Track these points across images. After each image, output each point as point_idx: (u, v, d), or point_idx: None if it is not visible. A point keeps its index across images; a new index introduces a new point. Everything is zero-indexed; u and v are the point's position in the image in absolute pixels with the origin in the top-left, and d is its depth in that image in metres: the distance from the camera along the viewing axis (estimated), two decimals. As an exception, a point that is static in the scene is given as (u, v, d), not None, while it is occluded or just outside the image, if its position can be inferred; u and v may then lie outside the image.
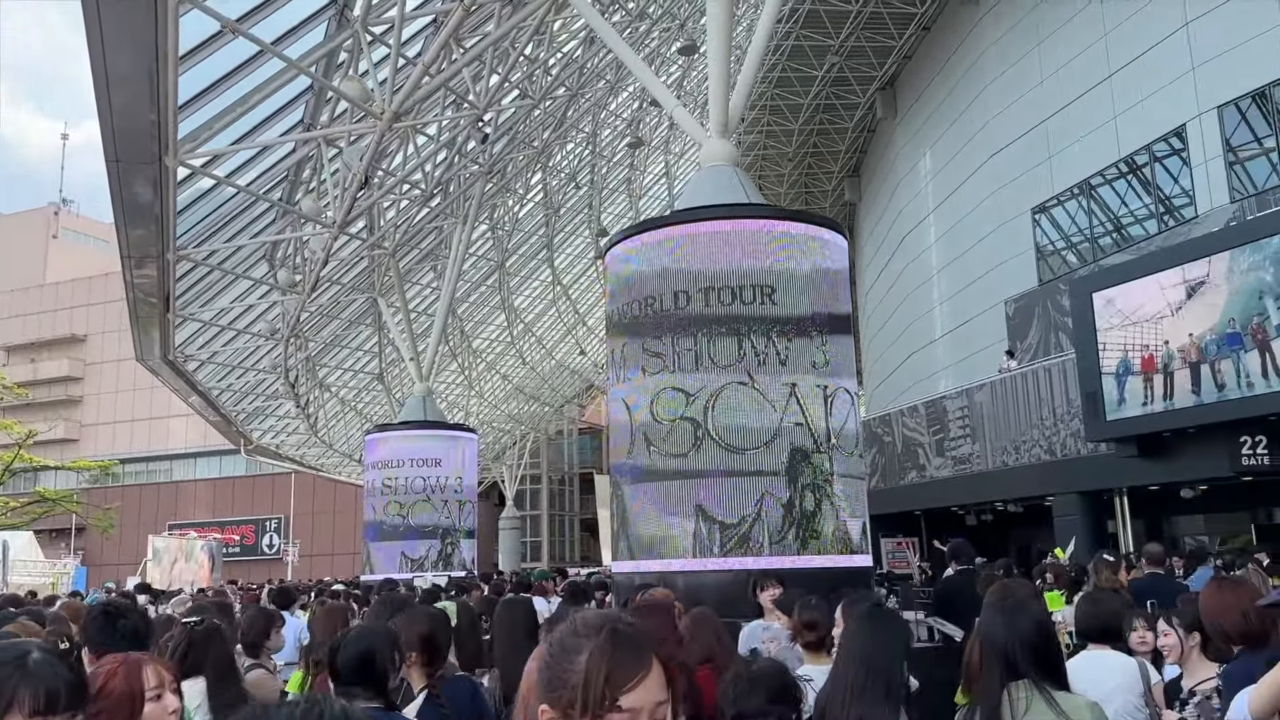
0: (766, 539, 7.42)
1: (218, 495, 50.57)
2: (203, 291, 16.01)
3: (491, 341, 31.42)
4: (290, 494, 45.37)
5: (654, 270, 7.93)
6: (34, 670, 1.85)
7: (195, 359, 17.98)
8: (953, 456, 21.95)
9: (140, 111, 9.06)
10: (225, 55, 9.80)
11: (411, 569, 15.74)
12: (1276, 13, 18.88)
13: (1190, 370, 15.98)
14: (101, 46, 7.89)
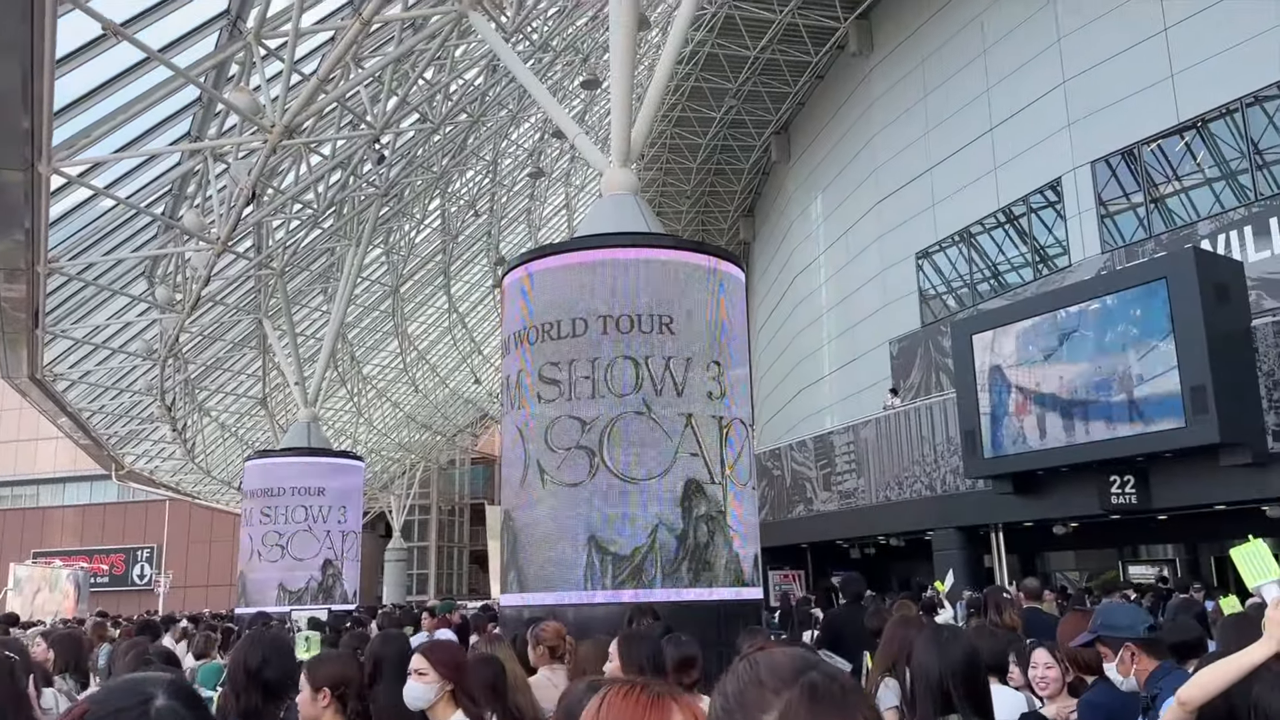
0: (659, 571, 7.27)
1: (86, 522, 48.28)
2: (76, 307, 15.12)
3: (383, 368, 30.73)
4: (164, 522, 43.42)
5: (553, 296, 7.76)
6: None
7: (65, 378, 17.00)
8: (839, 491, 22.19)
9: (12, 115, 8.53)
10: (108, 60, 9.31)
11: (290, 601, 15.11)
12: (1146, 74, 19.76)
13: (1061, 412, 16.46)
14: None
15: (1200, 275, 14.93)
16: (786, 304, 35.17)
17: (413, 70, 13.25)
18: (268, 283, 17.00)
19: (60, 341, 15.52)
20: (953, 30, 25.05)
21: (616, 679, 1.86)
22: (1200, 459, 14.99)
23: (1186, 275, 14.97)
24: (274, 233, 16.00)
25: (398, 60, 12.17)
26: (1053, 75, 21.93)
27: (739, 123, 32.65)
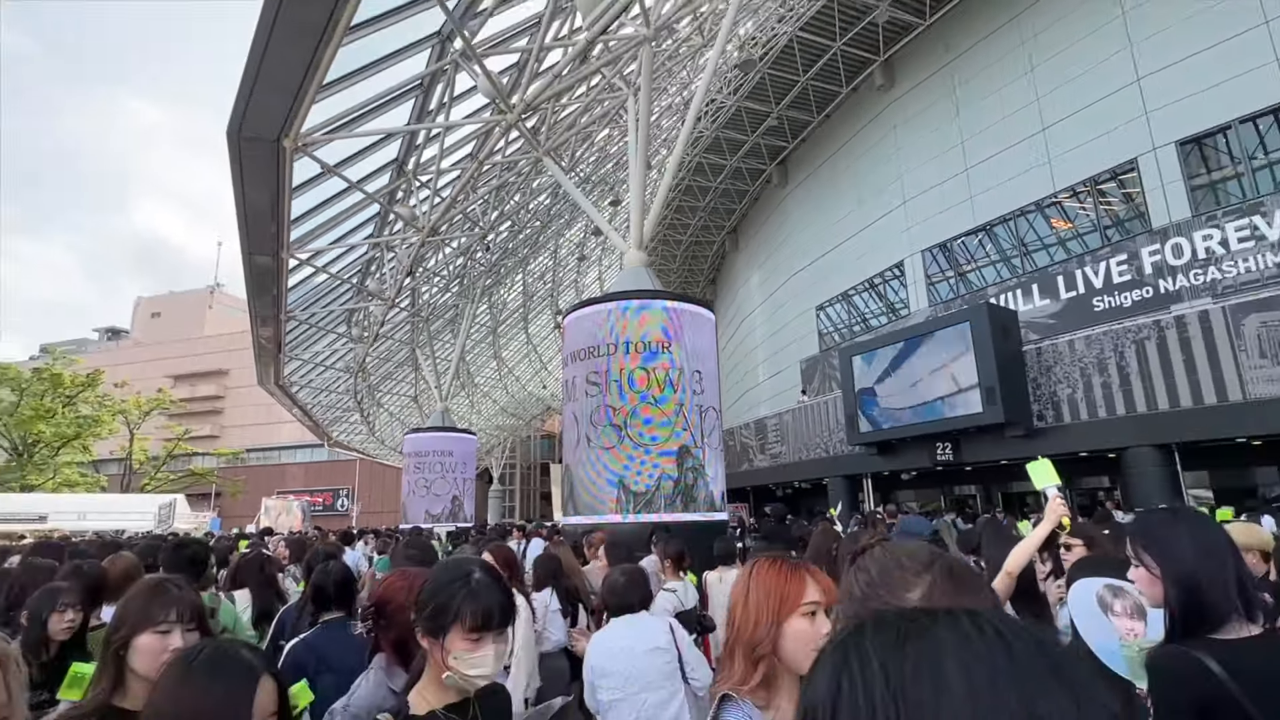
0: (663, 503, 6.98)
1: (308, 473, 47.95)
2: (304, 340, 14.98)
3: (487, 379, 30.41)
4: (355, 473, 43.22)
5: (595, 328, 7.51)
6: (476, 589, 1.50)
7: (297, 384, 16.89)
8: (769, 454, 21.86)
9: (267, 225, 8.33)
10: (326, 188, 9.12)
11: (432, 521, 14.80)
12: (955, 196, 19.61)
13: (907, 403, 16.23)
14: (242, 184, 7.23)
15: (990, 319, 14.66)
16: (738, 335, 34.87)
17: (507, 195, 13.04)
18: (418, 326, 16.73)
19: (294, 361, 15.35)
20: (831, 172, 25.03)
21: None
22: (993, 432, 14.69)
23: (982, 319, 14.70)
24: (421, 294, 15.74)
25: (498, 188, 11.96)
26: (896, 197, 21.84)
27: (707, 227, 32.56)
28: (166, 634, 1.63)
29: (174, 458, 41.08)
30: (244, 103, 5.78)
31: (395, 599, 1.99)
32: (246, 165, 6.66)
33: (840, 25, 20.80)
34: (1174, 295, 14.79)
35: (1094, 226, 16.79)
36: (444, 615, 1.47)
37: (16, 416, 30.95)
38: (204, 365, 57.73)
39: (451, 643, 1.46)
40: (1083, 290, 16.46)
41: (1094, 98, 16.59)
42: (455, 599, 1.47)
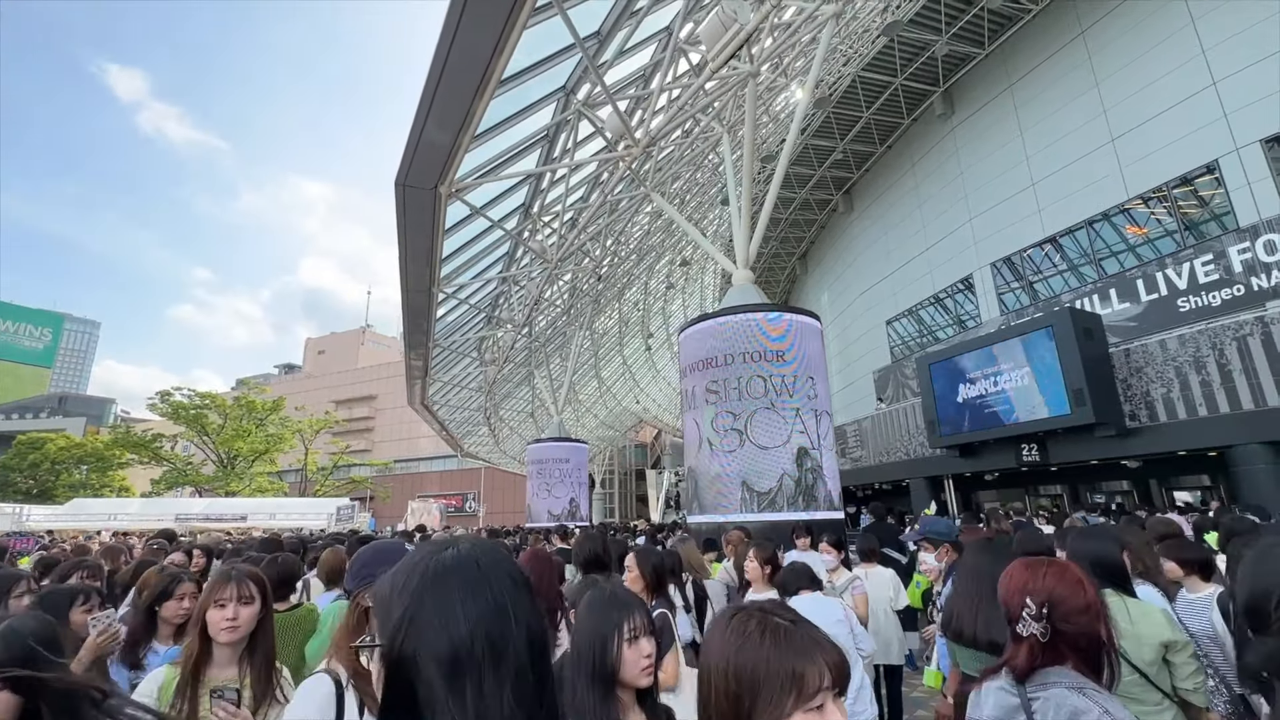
0: (785, 501, 6.43)
1: (443, 479, 49.62)
2: (443, 364, 15.27)
3: (589, 396, 30.53)
4: (481, 478, 44.37)
5: (713, 341, 7.12)
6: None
7: (438, 403, 17.32)
8: (850, 458, 20.65)
9: (425, 267, 8.47)
10: (467, 231, 9.23)
11: (553, 520, 14.70)
12: (1023, 210, 18.13)
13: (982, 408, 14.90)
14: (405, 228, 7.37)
15: (1074, 323, 13.24)
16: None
17: (612, 231, 12.92)
18: (534, 350, 16.85)
19: (436, 383, 15.70)
20: (896, 196, 23.81)
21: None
22: (1081, 433, 13.17)
23: (1065, 323, 13.30)
24: (538, 322, 15.83)
25: (607, 225, 11.84)
26: (961, 216, 20.44)
27: (778, 254, 31.74)
28: (223, 607, 1.80)
29: (337, 468, 43.59)
30: (410, 155, 5.86)
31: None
32: (409, 211, 6.77)
33: (901, 61, 19.81)
34: (1268, 292, 12.90)
35: (1169, 230, 15.01)
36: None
37: (222, 435, 33.83)
38: (358, 392, 61.36)
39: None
40: (1165, 292, 14.65)
41: (1167, 104, 14.93)
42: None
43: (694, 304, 31.87)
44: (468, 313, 12.68)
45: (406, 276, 8.54)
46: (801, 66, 11.88)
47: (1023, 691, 1.34)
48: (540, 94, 7.19)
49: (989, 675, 1.45)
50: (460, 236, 9.33)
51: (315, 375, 67.14)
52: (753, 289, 7.58)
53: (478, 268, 10.62)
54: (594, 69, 6.50)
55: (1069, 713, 1.23)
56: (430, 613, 0.71)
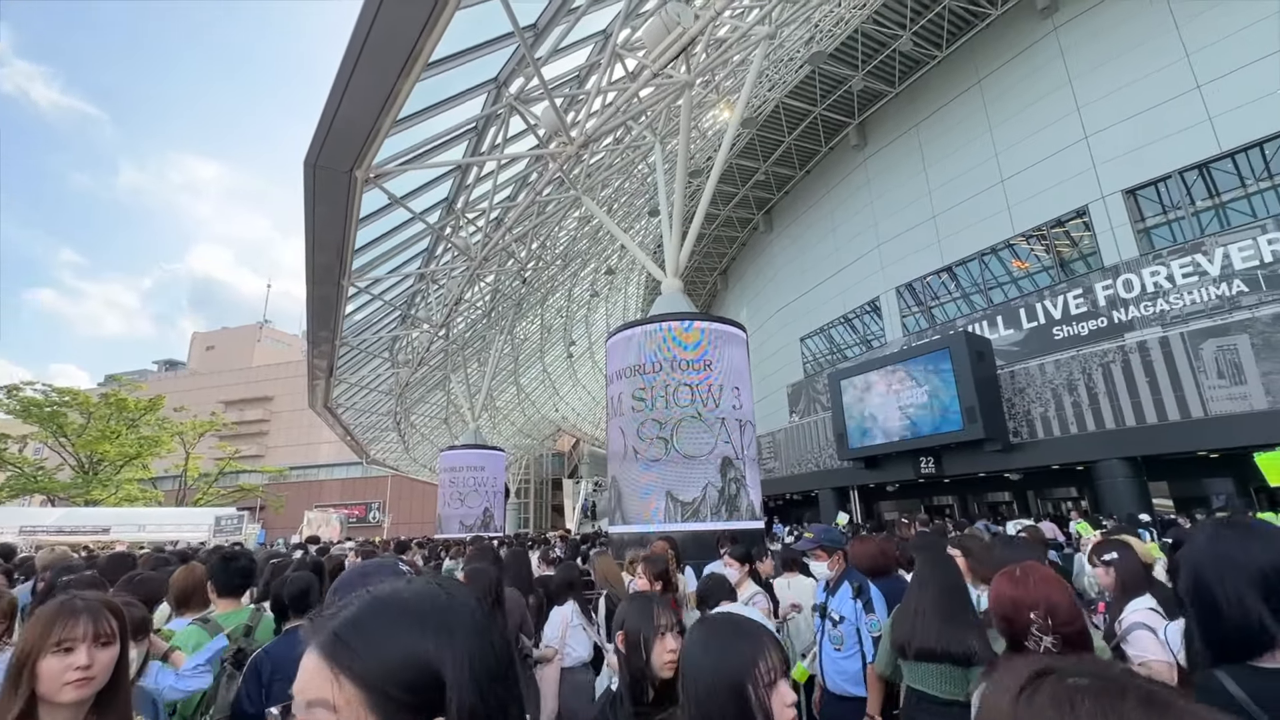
0: (709, 511, 6.38)
1: (344, 488, 46.50)
2: (351, 365, 14.19)
3: (507, 403, 29.69)
4: (387, 487, 42.01)
5: (640, 347, 6.99)
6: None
7: (343, 406, 16.10)
8: (765, 469, 21.22)
9: (331, 252, 7.81)
10: (384, 222, 8.60)
11: (465, 530, 14.01)
12: (924, 239, 19.43)
13: (885, 423, 15.77)
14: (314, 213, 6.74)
15: (968, 345, 14.30)
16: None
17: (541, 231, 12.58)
18: (451, 353, 16.09)
19: (342, 384, 14.57)
20: (813, 219, 24.97)
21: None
22: (972, 447, 14.21)
23: (960, 346, 14.34)
24: (457, 324, 15.13)
25: (535, 226, 11.50)
26: (870, 242, 21.66)
27: (700, 268, 32.34)
28: (69, 651, 1.31)
29: (224, 475, 39.91)
30: (324, 133, 5.35)
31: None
32: (320, 195, 6.19)
33: (820, 92, 20.84)
34: (1126, 324, 14.47)
35: (1047, 266, 16.60)
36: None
37: (84, 437, 29.98)
38: (252, 392, 56.64)
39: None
40: (1043, 321, 16.12)
41: (1048, 153, 16.52)
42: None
43: (618, 313, 31.86)
44: (381, 310, 11.90)
45: (313, 267, 7.84)
46: (732, 86, 12.15)
47: None
48: (470, 83, 6.86)
49: (982, 680, 1.43)
50: (376, 227, 8.73)
51: (202, 373, 61.34)
52: (681, 297, 7.56)
53: (394, 262, 9.97)
54: (531, 60, 6.26)
55: None
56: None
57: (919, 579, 2.33)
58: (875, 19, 17.74)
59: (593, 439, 39.79)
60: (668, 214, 8.40)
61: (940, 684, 2.06)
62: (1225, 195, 13.58)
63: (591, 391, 35.63)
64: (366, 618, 0.60)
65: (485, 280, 13.39)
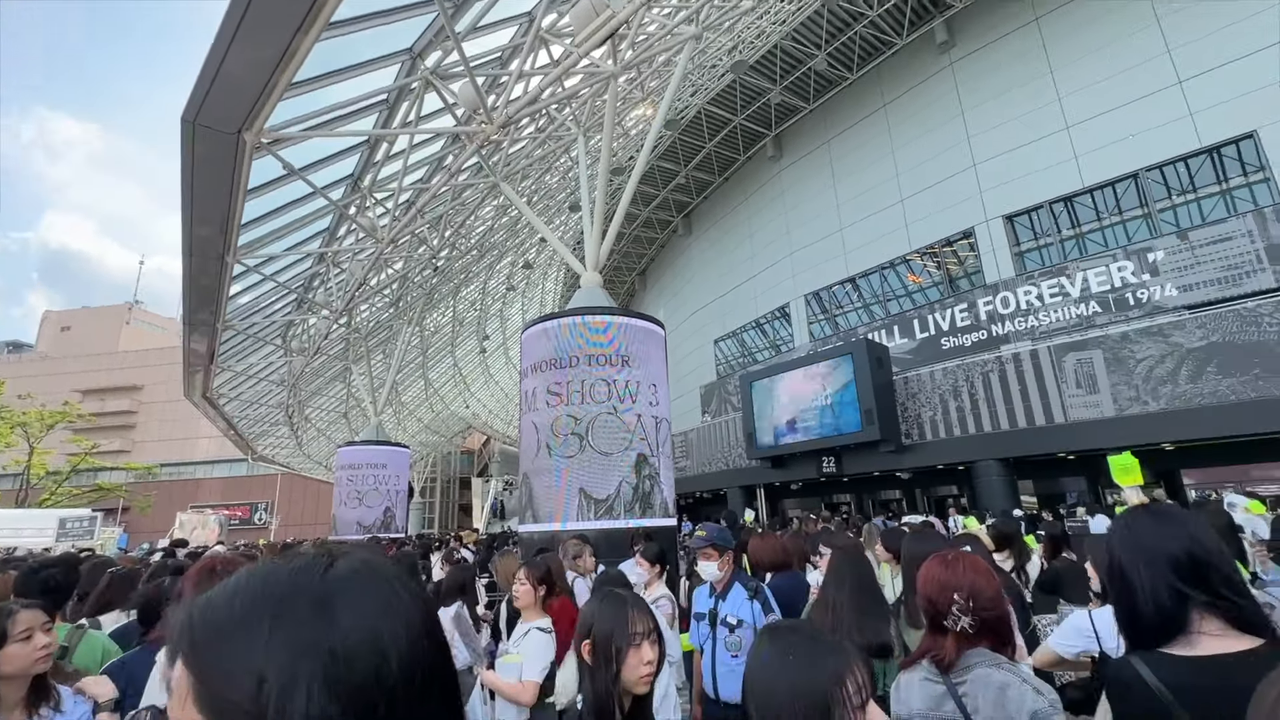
0: (622, 509, 6.29)
1: (226, 487, 42.55)
2: (237, 351, 12.87)
3: (414, 397, 28.31)
4: (277, 486, 38.80)
5: (557, 341, 6.78)
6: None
7: (226, 397, 14.58)
8: (676, 468, 21.47)
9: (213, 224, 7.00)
10: (277, 196, 7.80)
11: (363, 532, 13.10)
12: (830, 251, 20.43)
13: (798, 422, 16.42)
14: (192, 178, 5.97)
15: (869, 352, 15.14)
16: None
17: (456, 218, 11.99)
18: (354, 342, 15.05)
19: (225, 373, 13.16)
20: (730, 225, 25.64)
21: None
22: (869, 448, 15.06)
23: (862, 352, 15.16)
24: (360, 311, 14.16)
25: (448, 212, 10.93)
26: (783, 250, 22.49)
27: (619, 268, 32.32)
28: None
29: (78, 472, 35.34)
30: (206, 86, 4.71)
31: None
32: (201, 158, 5.47)
33: (741, 102, 21.42)
34: (1003, 338, 15.85)
35: (937, 281, 17.94)
36: None
37: (-107, 428, 25.50)
38: (117, 380, 50.56)
39: None
40: (933, 332, 17.35)
41: (941, 177, 17.83)
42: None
43: (534, 308, 31.25)
44: (274, 292, 10.84)
45: (192, 240, 6.98)
46: (657, 87, 12.17)
47: (948, 679, 1.40)
48: (382, 51, 6.38)
49: (907, 668, 1.46)
50: (270, 199, 7.95)
51: (55, 357, 54.08)
52: (601, 292, 7.43)
53: (290, 240, 9.11)
54: (451, 33, 5.89)
55: (996, 688, 1.32)
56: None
57: (835, 575, 2.33)
58: (794, 36, 18.45)
59: (504, 436, 38.78)
60: (589, 207, 8.25)
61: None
62: (1085, 226, 15.22)
63: (505, 388, 34.71)
64: (197, 621, 0.46)
65: (394, 266, 12.61)
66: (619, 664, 1.33)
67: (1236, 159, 13.14)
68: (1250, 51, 12.76)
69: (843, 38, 18.85)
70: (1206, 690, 1.00)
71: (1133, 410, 11.83)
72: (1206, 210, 13.46)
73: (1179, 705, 0.99)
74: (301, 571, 0.47)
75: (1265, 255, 12.26)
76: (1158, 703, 1.01)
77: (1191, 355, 11.36)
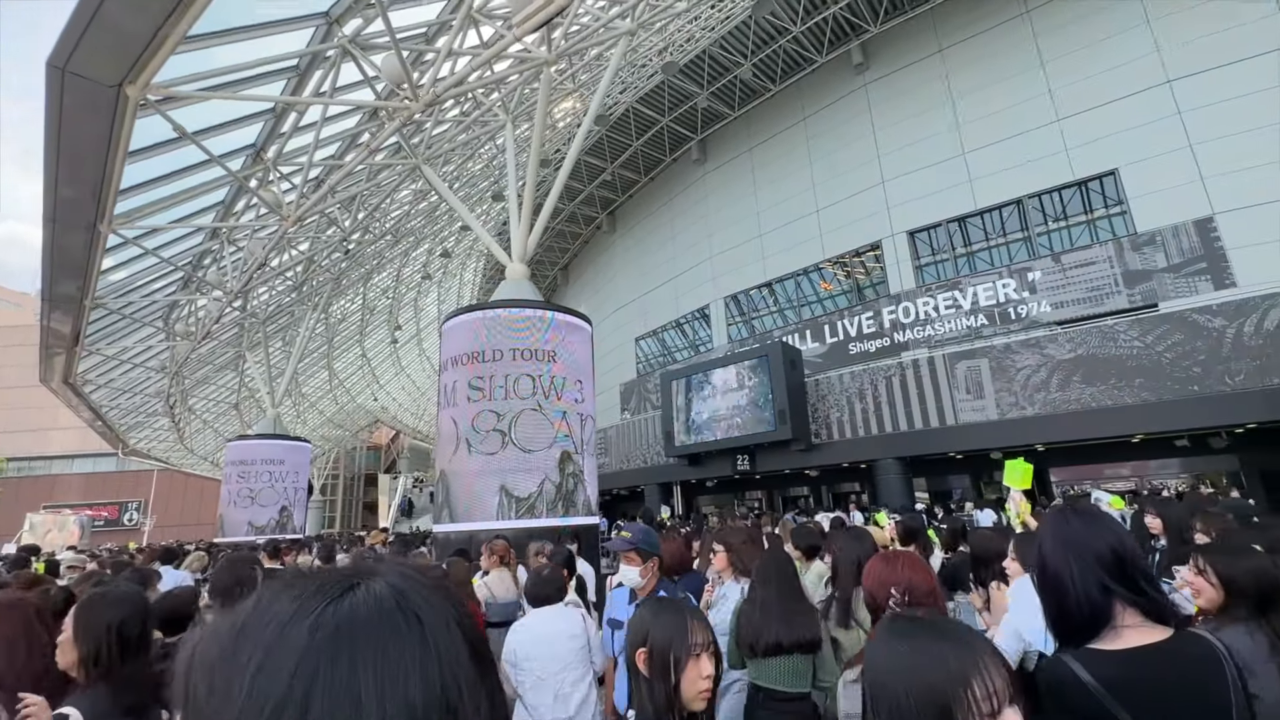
0: (545, 507, 6.13)
1: (89, 485, 37.83)
2: (108, 333, 11.40)
3: (316, 389, 26.51)
4: (152, 483, 34.91)
5: (483, 333, 6.49)
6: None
7: (92, 383, 12.92)
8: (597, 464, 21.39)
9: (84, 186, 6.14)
10: (160, 163, 6.94)
11: (256, 533, 12.05)
12: (749, 256, 21.06)
13: (714, 420, 16.81)
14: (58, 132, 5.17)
15: (784, 355, 15.74)
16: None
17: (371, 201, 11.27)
18: (250, 327, 13.82)
19: (93, 356, 11.63)
20: (654, 225, 25.86)
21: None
22: (782, 446, 15.67)
23: (777, 354, 15.74)
24: (258, 294, 13.02)
25: (362, 193, 10.25)
26: (705, 253, 22.93)
27: (541, 262, 31.68)
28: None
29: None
30: (80, 28, 4.08)
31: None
32: (71, 109, 4.73)
33: (669, 104, 21.64)
34: (904, 345, 16.95)
35: (846, 290, 18.96)
36: None
37: None
38: (-49, 362, 43.82)
39: None
40: (841, 337, 18.29)
41: (854, 191, 18.82)
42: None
43: (451, 299, 30.10)
44: (156, 269, 9.69)
45: (56, 204, 6.08)
46: (588, 80, 12.02)
47: None
48: (294, 11, 5.84)
49: (849, 669, 1.46)
50: (155, 165, 7.10)
51: None
52: (528, 285, 7.22)
53: (179, 211, 8.17)
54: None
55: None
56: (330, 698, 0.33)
57: (761, 576, 2.36)
58: (722, 44, 18.84)
59: (415, 431, 37.11)
60: (516, 198, 8.01)
61: (788, 678, 2.09)
62: (976, 245, 16.58)
63: (417, 381, 33.22)
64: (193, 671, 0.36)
65: (298, 248, 11.68)
66: (678, 676, 1.25)
67: (1101, 192, 14.76)
68: (1119, 96, 14.35)
69: (767, 50, 19.47)
70: (1134, 682, 1.06)
71: (1013, 414, 13.02)
72: (1076, 236, 15.03)
73: (1114, 701, 1.04)
74: (302, 612, 0.35)
75: (1122, 279, 13.84)
76: (1093, 700, 1.06)
77: (1062, 366, 12.64)
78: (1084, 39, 15.19)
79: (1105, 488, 14.05)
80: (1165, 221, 13.52)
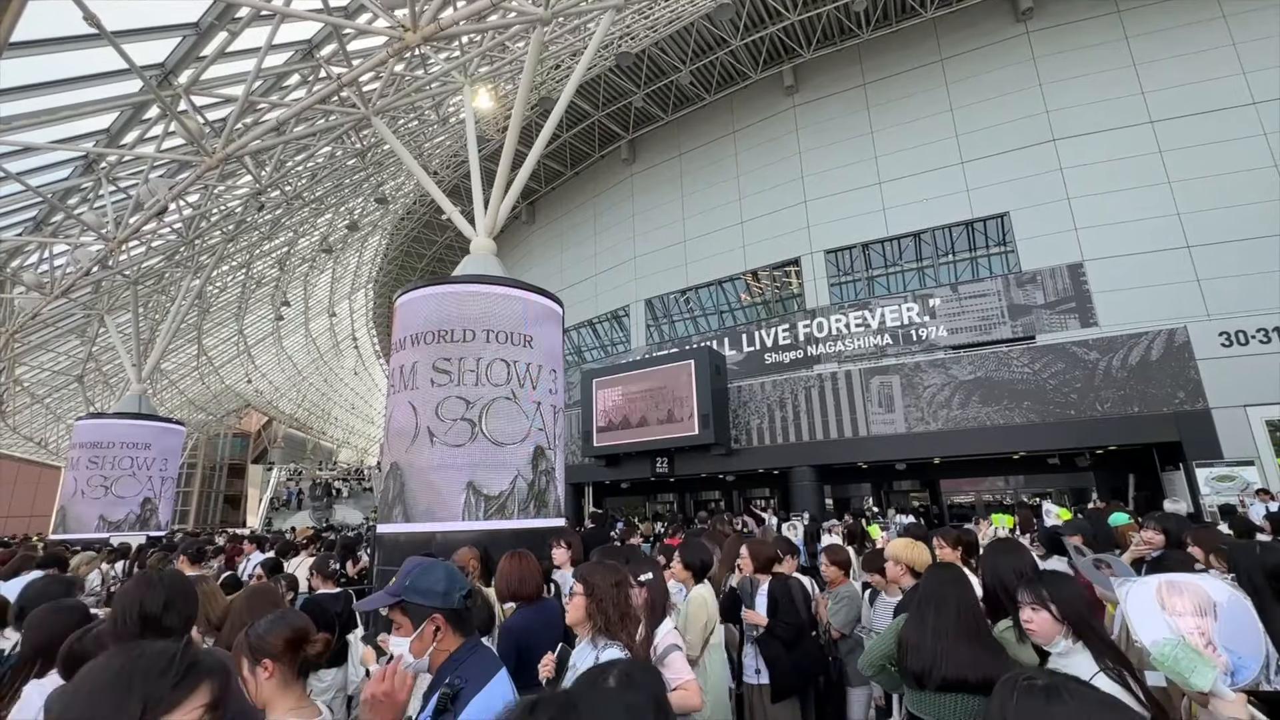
0: (516, 507, 5.52)
1: None
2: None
3: (181, 365, 23.19)
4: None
5: (450, 312, 5.75)
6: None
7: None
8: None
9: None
10: (56, 61, 5.45)
11: (109, 529, 10.06)
12: (672, 260, 21.15)
13: (634, 422, 16.62)
14: None
15: (710, 359, 15.89)
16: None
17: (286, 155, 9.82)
18: (116, 289, 11.63)
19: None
20: (577, 220, 25.30)
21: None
22: (702, 450, 15.78)
23: (703, 358, 15.85)
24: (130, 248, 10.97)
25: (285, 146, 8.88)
26: (627, 253, 22.75)
27: (452, 246, 29.85)
28: None
29: None
30: None
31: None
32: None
33: (604, 99, 21.25)
34: (815, 358, 17.76)
35: (767, 301, 19.60)
36: None
37: None
38: None
39: None
40: (758, 347, 18.83)
41: (778, 207, 19.49)
42: None
43: (346, 280, 27.58)
44: (27, 197, 7.74)
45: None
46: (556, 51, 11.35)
47: None
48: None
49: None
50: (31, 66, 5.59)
51: None
52: (494, 260, 6.54)
53: (49, 133, 6.51)
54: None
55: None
56: None
57: (934, 597, 2.04)
58: (662, 46, 18.79)
59: (291, 419, 33.55)
60: (478, 167, 7.30)
61: (958, 716, 1.83)
62: (886, 269, 17.76)
63: (299, 366, 30.04)
64: None
65: (189, 198, 9.96)
66: None
67: (996, 231, 16.36)
68: (1014, 148, 15.98)
69: (706, 59, 19.70)
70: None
71: (919, 429, 13.99)
72: (973, 269, 16.53)
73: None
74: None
75: (1008, 312, 15.37)
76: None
77: (963, 386, 13.79)
78: (987, 92, 16.80)
79: (996, 499, 15.57)
80: (1045, 263, 15.22)
